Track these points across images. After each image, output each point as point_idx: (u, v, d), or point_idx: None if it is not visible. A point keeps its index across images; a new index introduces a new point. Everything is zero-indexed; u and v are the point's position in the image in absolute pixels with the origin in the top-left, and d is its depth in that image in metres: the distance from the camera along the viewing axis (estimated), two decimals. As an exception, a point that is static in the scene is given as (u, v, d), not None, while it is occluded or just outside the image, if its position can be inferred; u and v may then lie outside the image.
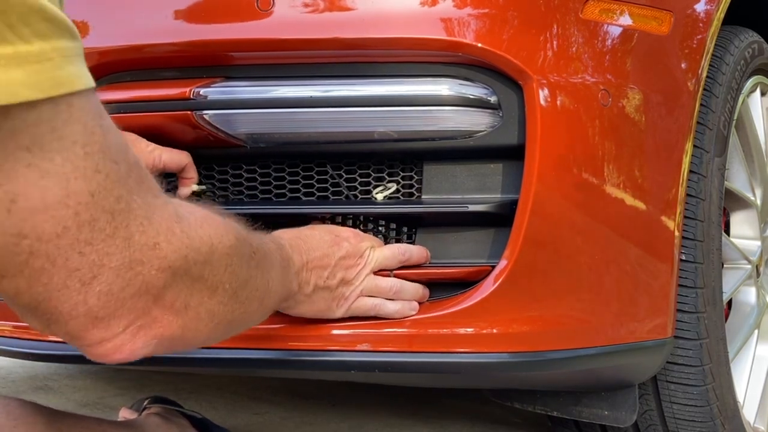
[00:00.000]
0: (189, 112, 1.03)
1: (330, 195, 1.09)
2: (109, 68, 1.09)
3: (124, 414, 1.38)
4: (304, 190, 1.09)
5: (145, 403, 1.39)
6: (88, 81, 0.61)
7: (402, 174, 1.08)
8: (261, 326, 1.06)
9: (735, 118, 1.40)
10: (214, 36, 1.03)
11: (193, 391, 1.91)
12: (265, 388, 1.99)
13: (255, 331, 1.06)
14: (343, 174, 1.08)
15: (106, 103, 1.06)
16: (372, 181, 1.08)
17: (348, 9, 1.01)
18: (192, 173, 1.09)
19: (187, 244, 0.70)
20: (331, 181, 1.09)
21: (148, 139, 1.09)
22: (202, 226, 0.74)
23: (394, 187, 1.07)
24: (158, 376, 2.06)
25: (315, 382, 2.02)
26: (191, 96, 1.03)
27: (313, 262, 0.96)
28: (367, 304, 1.01)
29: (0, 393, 1.69)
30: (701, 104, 1.27)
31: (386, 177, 1.08)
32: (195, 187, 1.09)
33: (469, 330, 1.01)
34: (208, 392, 1.92)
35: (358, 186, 1.08)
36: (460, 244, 1.06)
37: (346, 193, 1.08)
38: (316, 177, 1.09)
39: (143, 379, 2.03)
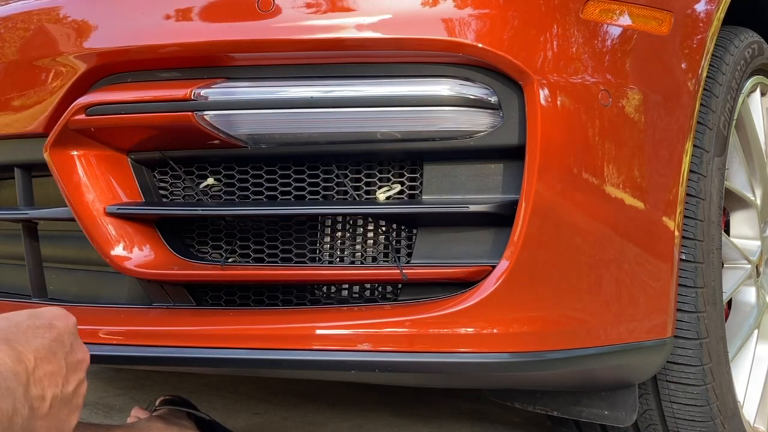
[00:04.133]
0: (190, 113, 1.03)
1: (334, 195, 1.09)
2: (110, 69, 1.09)
3: (137, 413, 1.39)
4: (309, 189, 1.09)
5: (156, 404, 1.39)
6: None
7: (403, 174, 1.08)
8: (261, 326, 1.07)
9: (735, 118, 1.40)
10: (214, 37, 1.03)
11: (192, 391, 1.91)
12: (265, 388, 1.99)
13: (255, 331, 1.06)
14: (349, 174, 1.08)
15: (107, 104, 1.07)
16: (377, 182, 1.08)
17: (349, 9, 1.01)
18: None
19: None
20: (336, 180, 1.09)
21: (149, 139, 1.10)
22: None
23: (398, 187, 1.07)
24: (158, 377, 2.06)
25: (315, 382, 2.02)
26: (192, 97, 1.03)
27: (41, 368, 0.71)
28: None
29: None
30: (701, 104, 1.27)
31: (391, 178, 1.08)
32: (205, 182, 1.10)
33: (470, 330, 1.01)
34: (208, 392, 1.92)
35: (363, 186, 1.08)
36: (461, 244, 1.06)
37: (351, 193, 1.08)
38: (319, 177, 1.09)
39: (143, 380, 2.03)
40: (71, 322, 0.80)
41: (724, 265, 1.46)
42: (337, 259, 1.12)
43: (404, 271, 1.03)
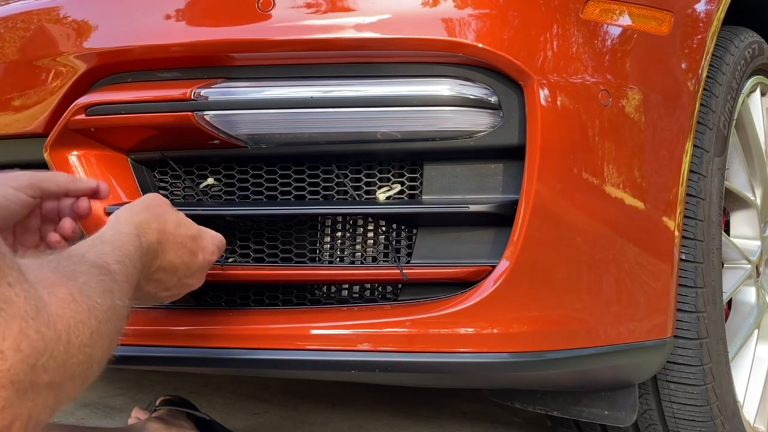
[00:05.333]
0: (190, 113, 1.03)
1: (334, 195, 1.09)
2: (110, 69, 1.09)
3: (137, 414, 1.39)
4: (309, 189, 1.09)
5: (156, 404, 1.39)
6: None
7: (403, 174, 1.08)
8: (261, 326, 1.07)
9: (735, 118, 1.40)
10: (214, 37, 1.03)
11: (192, 391, 1.91)
12: (265, 388, 1.99)
13: (255, 331, 1.06)
14: (349, 174, 1.08)
15: (107, 104, 1.07)
16: (377, 182, 1.08)
17: (349, 9, 1.01)
18: (88, 186, 0.99)
19: (40, 348, 0.56)
20: (336, 180, 1.09)
21: (149, 139, 1.09)
22: (65, 311, 0.61)
23: (398, 187, 1.07)
24: (158, 376, 2.06)
25: (315, 382, 2.02)
26: (192, 97, 1.03)
27: (159, 273, 0.89)
28: None
29: None
30: (701, 104, 1.27)
31: (391, 178, 1.08)
32: (205, 182, 1.10)
33: (470, 330, 1.01)
34: (208, 392, 1.92)
35: (363, 186, 1.08)
36: (461, 244, 1.06)
37: (351, 193, 1.08)
38: (319, 177, 1.09)
39: (143, 380, 2.03)
40: (209, 260, 0.95)
41: (724, 265, 1.46)
42: (337, 259, 1.12)
43: (404, 271, 1.03)
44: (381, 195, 1.07)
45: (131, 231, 0.83)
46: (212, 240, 0.96)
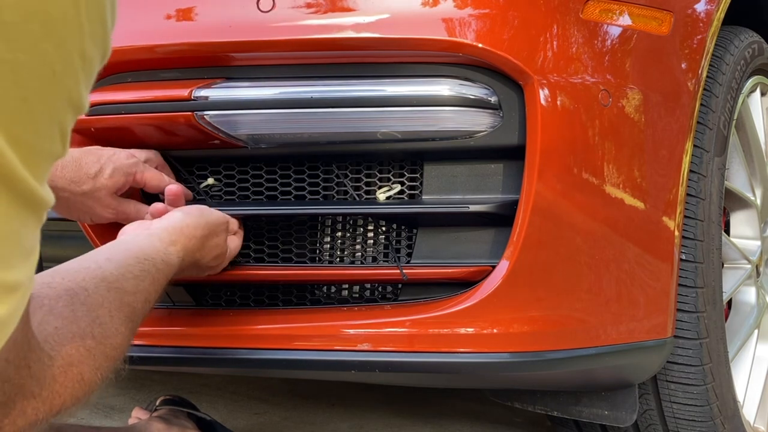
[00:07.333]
0: (190, 113, 1.03)
1: (334, 195, 1.09)
2: (110, 69, 1.09)
3: (137, 414, 1.39)
4: (309, 189, 1.09)
5: (157, 404, 1.39)
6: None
7: (403, 174, 1.08)
8: (261, 326, 1.07)
9: (735, 118, 1.40)
10: (215, 37, 1.03)
11: (192, 391, 1.91)
12: (265, 388, 1.99)
13: (255, 331, 1.06)
14: (349, 174, 1.08)
15: (107, 104, 1.07)
16: (377, 182, 1.08)
17: (349, 10, 1.01)
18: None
19: (32, 422, 0.64)
20: (336, 180, 1.09)
21: (149, 139, 1.10)
22: (65, 390, 0.67)
23: (398, 187, 1.07)
24: (158, 376, 2.06)
25: (315, 382, 2.02)
26: (192, 97, 1.03)
27: (186, 262, 0.95)
28: None
29: None
30: (701, 104, 1.27)
31: (391, 178, 1.08)
32: (205, 182, 1.10)
33: (470, 330, 1.01)
34: (208, 392, 1.92)
35: (363, 186, 1.08)
36: (461, 244, 1.06)
37: (351, 192, 1.08)
38: (319, 177, 1.09)
39: (143, 380, 2.03)
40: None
41: (724, 265, 1.46)
42: (337, 259, 1.12)
43: (404, 271, 1.04)
44: (381, 195, 1.07)
45: (176, 262, 0.90)
46: (227, 262, 1.03)
